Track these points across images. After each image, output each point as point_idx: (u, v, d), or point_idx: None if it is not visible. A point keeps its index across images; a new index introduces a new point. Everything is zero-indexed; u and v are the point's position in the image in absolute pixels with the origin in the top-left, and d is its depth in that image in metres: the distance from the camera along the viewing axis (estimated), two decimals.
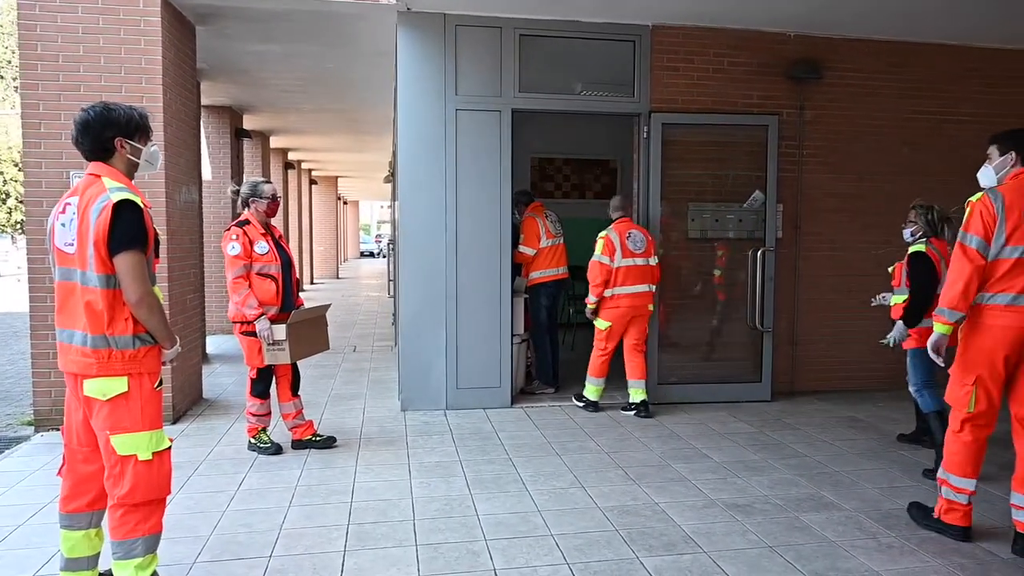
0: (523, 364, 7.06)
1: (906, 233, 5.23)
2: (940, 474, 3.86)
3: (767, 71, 6.81)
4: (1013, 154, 3.69)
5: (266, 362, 5.05)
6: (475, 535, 3.82)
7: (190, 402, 6.48)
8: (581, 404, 6.53)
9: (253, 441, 5.27)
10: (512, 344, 6.62)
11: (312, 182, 21.98)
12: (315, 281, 22.87)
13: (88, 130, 2.90)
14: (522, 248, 6.96)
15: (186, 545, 3.67)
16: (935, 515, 3.88)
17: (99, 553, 3.10)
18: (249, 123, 12.13)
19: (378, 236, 52.43)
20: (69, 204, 2.89)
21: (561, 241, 7.10)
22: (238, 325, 5.06)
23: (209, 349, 9.41)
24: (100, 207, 2.78)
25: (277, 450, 5.22)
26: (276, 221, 5.56)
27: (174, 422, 5.95)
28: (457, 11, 6.23)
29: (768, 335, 6.86)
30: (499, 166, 6.44)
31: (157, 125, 5.73)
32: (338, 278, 24.25)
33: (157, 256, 3.02)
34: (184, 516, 4.04)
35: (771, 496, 4.43)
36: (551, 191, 10.78)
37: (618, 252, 6.20)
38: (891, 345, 5.15)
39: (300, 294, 5.52)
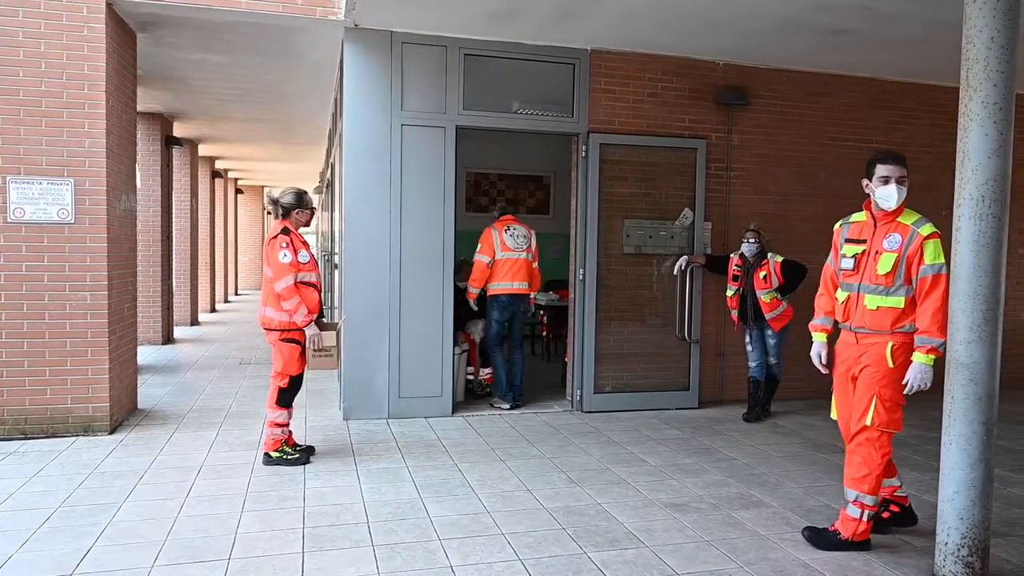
0: (464, 375, 7.21)
1: (752, 248, 6.65)
2: (856, 499, 3.82)
3: (698, 96, 7.19)
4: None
5: (308, 368, 5.17)
6: (429, 535, 3.96)
7: (127, 412, 6.39)
8: None
9: (276, 455, 5.09)
10: (453, 354, 6.77)
11: (238, 191, 21.61)
12: (239, 292, 22.46)
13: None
14: (476, 256, 7.03)
15: (141, 551, 3.68)
16: (846, 537, 3.85)
17: None
18: (179, 130, 11.94)
19: None
20: None
21: (521, 256, 7.04)
22: (278, 332, 5.06)
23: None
24: None
25: (307, 458, 5.21)
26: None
27: (111, 432, 5.87)
28: (404, 29, 6.38)
29: (696, 346, 7.21)
30: (443, 181, 6.60)
31: (99, 132, 5.70)
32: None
33: None
34: (135, 523, 4.05)
35: (705, 496, 4.70)
36: (486, 205, 10.96)
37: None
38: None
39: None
